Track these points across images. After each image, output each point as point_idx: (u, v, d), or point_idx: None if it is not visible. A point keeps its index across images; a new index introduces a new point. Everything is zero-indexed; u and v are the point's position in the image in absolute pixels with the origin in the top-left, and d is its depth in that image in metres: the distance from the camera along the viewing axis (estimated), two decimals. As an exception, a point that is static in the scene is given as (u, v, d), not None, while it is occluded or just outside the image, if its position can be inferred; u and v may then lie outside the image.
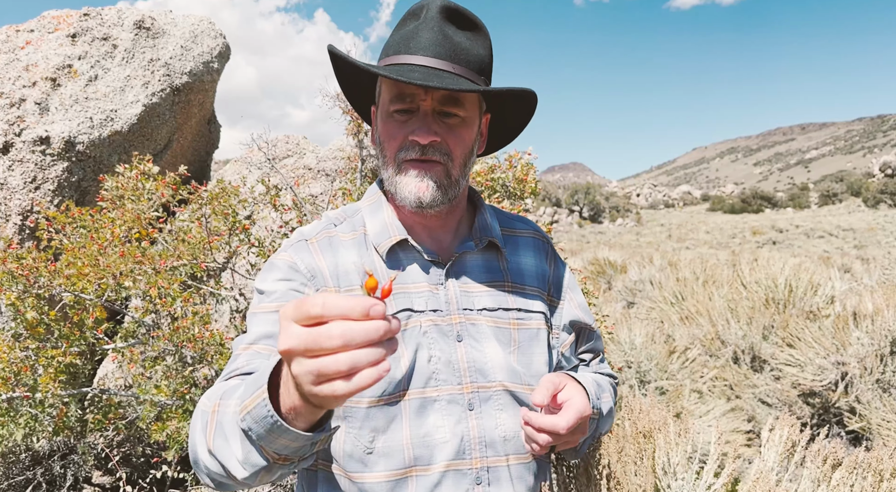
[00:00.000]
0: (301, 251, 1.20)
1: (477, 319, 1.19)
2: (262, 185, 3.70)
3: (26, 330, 3.12)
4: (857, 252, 18.57)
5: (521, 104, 1.24)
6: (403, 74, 1.06)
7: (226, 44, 5.87)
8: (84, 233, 3.53)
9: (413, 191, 1.13)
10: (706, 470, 2.17)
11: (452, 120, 1.14)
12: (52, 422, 3.20)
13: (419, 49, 1.12)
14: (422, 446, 1.11)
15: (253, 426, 0.82)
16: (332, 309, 0.66)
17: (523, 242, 1.34)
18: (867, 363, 4.02)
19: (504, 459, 1.16)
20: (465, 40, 1.15)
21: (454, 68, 1.12)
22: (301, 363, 0.69)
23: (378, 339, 0.66)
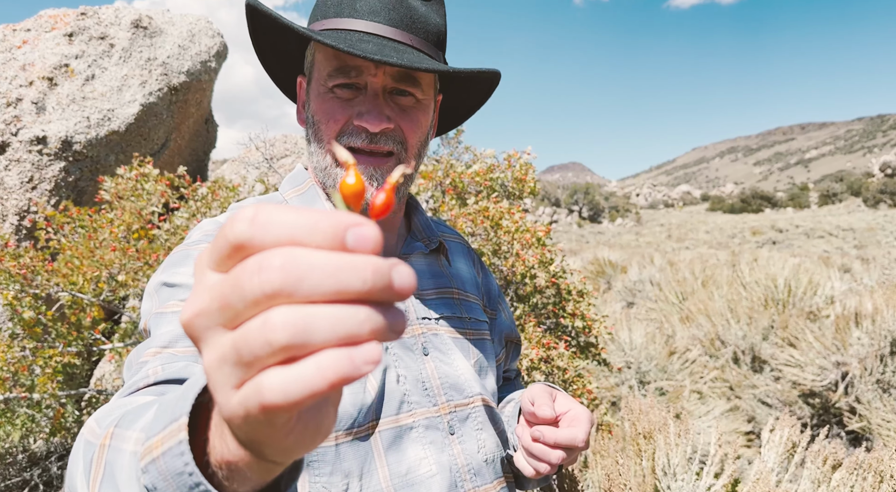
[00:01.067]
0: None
1: (438, 329, 1.03)
2: (261, 184, 3.69)
3: (23, 330, 3.11)
4: (857, 252, 18.58)
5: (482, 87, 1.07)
6: (354, 45, 0.86)
7: (223, 43, 5.85)
8: (83, 233, 3.51)
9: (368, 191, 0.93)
10: (706, 471, 2.15)
11: (406, 101, 0.94)
12: (49, 423, 3.18)
13: (367, 13, 0.92)
14: (406, 486, 0.90)
15: (159, 484, 0.45)
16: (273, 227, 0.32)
17: (454, 247, 1.19)
18: (867, 363, 4.00)
19: (492, 486, 1.00)
20: (420, 6, 0.96)
21: (411, 40, 0.93)
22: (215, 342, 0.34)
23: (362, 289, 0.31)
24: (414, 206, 1.13)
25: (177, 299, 0.84)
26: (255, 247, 0.32)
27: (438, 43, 0.99)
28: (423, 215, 1.12)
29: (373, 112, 0.90)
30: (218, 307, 0.33)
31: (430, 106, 0.98)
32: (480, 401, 1.02)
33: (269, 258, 0.31)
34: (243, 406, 0.33)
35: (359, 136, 0.91)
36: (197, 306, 0.34)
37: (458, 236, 1.23)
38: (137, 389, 0.69)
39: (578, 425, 0.91)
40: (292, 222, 0.32)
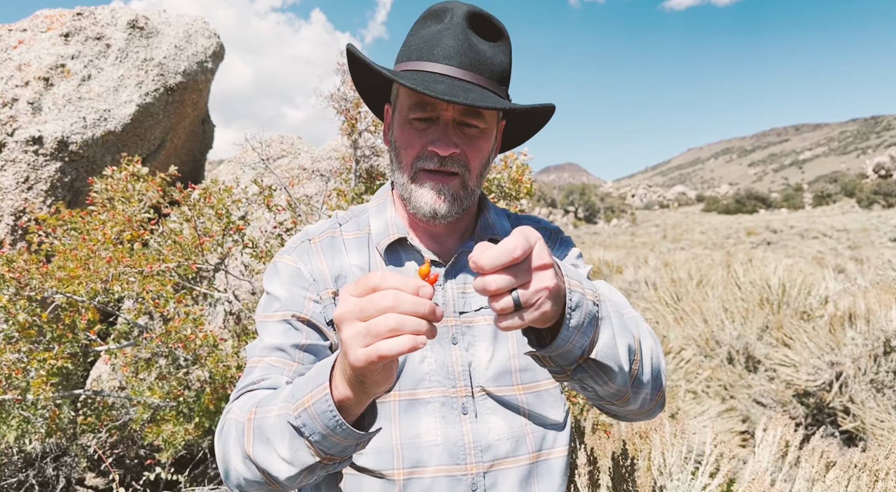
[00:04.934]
0: (304, 254, 1.22)
1: (474, 321, 1.18)
2: (256, 185, 3.69)
3: (18, 332, 3.10)
4: (851, 253, 18.66)
5: (540, 118, 1.24)
6: (429, 86, 1.03)
7: (220, 43, 5.85)
8: (75, 235, 3.51)
9: (429, 202, 1.13)
10: (702, 471, 2.16)
11: (472, 131, 1.13)
12: (44, 424, 3.18)
13: (443, 57, 1.09)
14: (411, 448, 1.10)
15: (308, 422, 0.86)
16: (387, 281, 0.74)
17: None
18: (861, 363, 4.03)
19: (500, 463, 1.14)
20: (488, 49, 1.12)
21: (477, 79, 1.10)
22: (353, 326, 0.75)
23: (423, 314, 0.73)
24: (483, 209, 1.30)
25: (273, 310, 1.16)
26: (380, 289, 0.74)
27: (502, 79, 1.15)
28: (487, 216, 1.28)
29: (443, 140, 1.10)
30: (358, 310, 0.75)
31: (492, 134, 1.17)
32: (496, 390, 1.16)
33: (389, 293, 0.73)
34: (366, 356, 0.74)
35: (431, 159, 1.12)
36: (345, 308, 0.76)
37: (535, 224, 1.35)
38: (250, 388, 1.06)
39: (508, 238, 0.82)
40: (398, 281, 0.74)
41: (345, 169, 4.01)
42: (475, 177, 1.15)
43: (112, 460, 3.87)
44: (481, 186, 1.20)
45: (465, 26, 1.11)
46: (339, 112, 3.80)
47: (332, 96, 3.78)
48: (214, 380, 3.18)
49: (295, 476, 0.92)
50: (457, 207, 1.14)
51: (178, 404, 3.17)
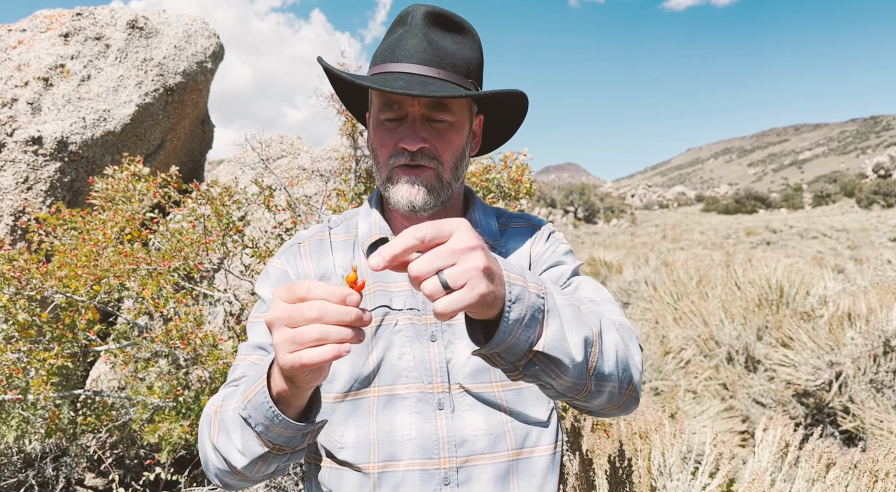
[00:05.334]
0: (291, 257, 1.29)
1: (455, 319, 1.18)
2: (256, 185, 3.69)
3: (18, 332, 3.10)
4: (851, 253, 18.66)
5: (513, 105, 1.26)
6: (388, 84, 1.08)
7: (219, 43, 5.85)
8: (75, 235, 3.50)
9: (405, 195, 1.16)
10: (701, 470, 2.17)
11: (440, 125, 1.16)
12: (44, 424, 3.18)
13: (404, 56, 1.14)
14: (387, 442, 1.14)
15: (252, 413, 0.93)
16: (314, 291, 0.78)
17: (516, 231, 1.34)
18: (861, 363, 4.03)
19: (475, 459, 1.15)
20: (450, 44, 1.17)
21: (439, 74, 1.14)
22: (282, 332, 0.80)
23: (348, 322, 0.77)
24: (470, 206, 1.33)
25: (261, 312, 1.23)
26: (307, 299, 0.78)
27: (468, 73, 1.18)
28: (473, 214, 1.30)
29: (411, 135, 1.14)
30: (287, 317, 0.79)
31: (463, 127, 1.20)
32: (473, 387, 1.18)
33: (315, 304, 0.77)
34: (291, 361, 0.79)
35: (403, 155, 1.15)
36: (275, 314, 0.80)
37: (526, 222, 1.36)
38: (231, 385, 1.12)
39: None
40: (323, 290, 0.78)
41: (345, 169, 4.01)
42: (449, 169, 1.18)
43: (112, 461, 3.87)
44: (459, 179, 1.22)
45: (425, 25, 1.15)
46: (340, 112, 3.80)
47: (332, 96, 3.78)
48: (214, 380, 3.18)
49: (249, 466, 0.98)
50: (433, 199, 1.17)
51: (177, 403, 3.17)
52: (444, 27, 1.18)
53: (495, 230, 1.31)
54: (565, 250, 1.31)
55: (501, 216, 1.37)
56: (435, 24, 1.17)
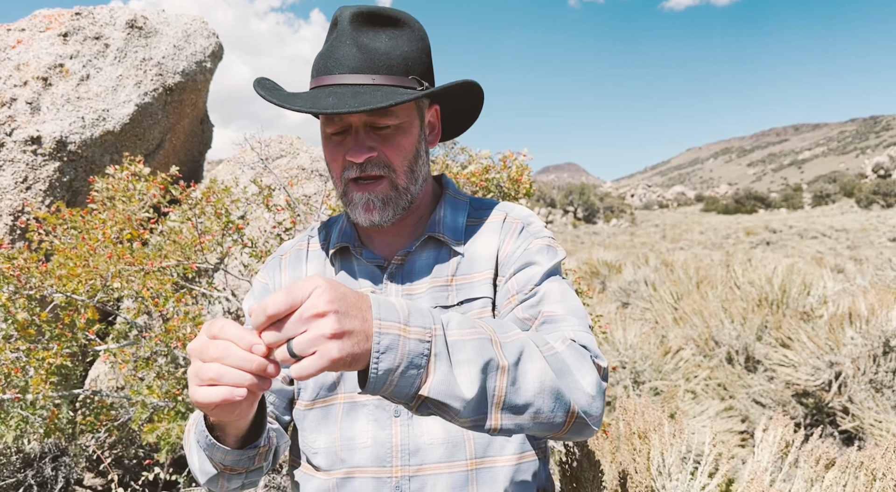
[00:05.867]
0: (272, 270, 1.32)
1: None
2: (255, 185, 3.69)
3: (17, 331, 3.09)
4: (850, 252, 18.67)
5: (462, 94, 1.22)
6: (317, 103, 1.06)
7: (219, 43, 5.85)
8: (75, 234, 3.50)
9: (362, 214, 1.15)
10: (700, 470, 2.17)
11: (386, 131, 1.13)
12: (43, 424, 3.17)
13: (335, 67, 1.11)
14: (347, 449, 1.15)
15: (199, 438, 1.00)
16: (225, 332, 0.78)
17: (488, 227, 1.26)
18: (860, 363, 4.03)
19: (429, 468, 1.12)
20: (384, 43, 1.12)
21: (374, 79, 1.10)
22: (194, 363, 0.81)
23: (249, 369, 0.77)
24: (440, 201, 1.28)
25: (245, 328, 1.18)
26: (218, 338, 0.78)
27: (407, 69, 1.13)
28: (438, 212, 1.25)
29: (355, 147, 1.11)
30: (198, 351, 0.79)
31: (411, 127, 1.16)
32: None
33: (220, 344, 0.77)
34: (191, 395, 0.80)
35: (352, 168, 1.13)
36: (191, 346, 0.81)
37: (502, 214, 1.28)
38: None
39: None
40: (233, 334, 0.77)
41: (344, 169, 4.02)
42: (403, 174, 1.15)
43: (111, 460, 3.87)
44: (418, 180, 1.19)
45: (353, 29, 1.11)
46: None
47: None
48: (213, 380, 3.18)
49: (210, 481, 1.07)
50: (391, 211, 1.16)
51: (176, 403, 3.17)
52: (377, 24, 1.13)
53: (460, 229, 1.25)
54: (539, 247, 1.21)
55: (478, 209, 1.30)
56: (365, 24, 1.12)
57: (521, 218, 1.26)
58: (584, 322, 1.12)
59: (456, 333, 0.87)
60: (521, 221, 1.25)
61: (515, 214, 1.27)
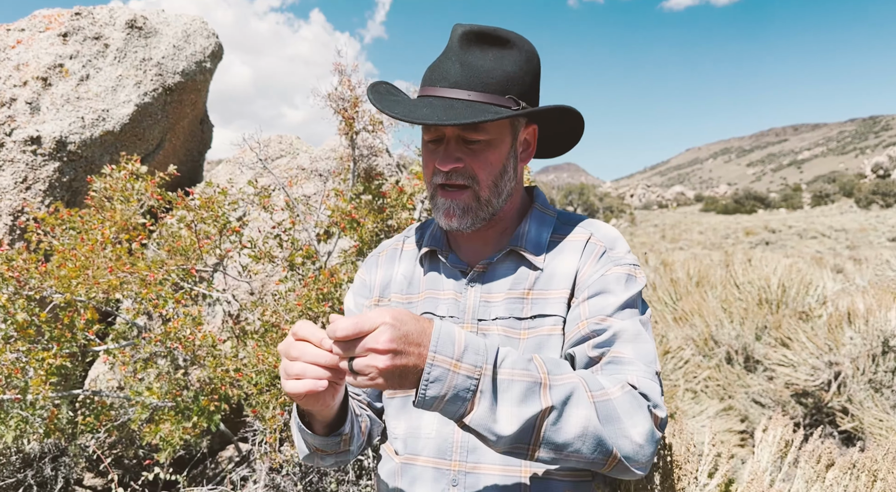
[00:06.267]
0: (371, 266, 1.44)
1: (489, 329, 1.23)
2: (251, 185, 3.69)
3: (16, 332, 3.09)
4: (850, 252, 18.67)
5: (559, 115, 1.27)
6: (412, 112, 1.15)
7: (218, 43, 5.85)
8: (74, 235, 3.50)
9: (443, 220, 1.23)
10: (700, 470, 2.17)
11: (476, 145, 1.19)
12: (43, 424, 3.17)
13: (438, 80, 1.18)
14: (413, 437, 1.25)
15: (295, 423, 1.19)
16: (299, 332, 0.96)
17: (570, 245, 1.27)
18: (859, 363, 4.03)
19: (485, 467, 1.18)
20: (488, 62, 1.17)
21: (470, 95, 1.16)
22: (282, 361, 0.98)
23: (324, 365, 0.94)
24: (527, 215, 1.32)
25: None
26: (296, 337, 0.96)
27: (506, 88, 1.18)
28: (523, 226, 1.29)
29: (444, 157, 1.19)
30: (284, 351, 0.97)
31: (502, 144, 1.21)
32: None
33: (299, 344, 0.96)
34: (284, 389, 0.97)
35: (440, 175, 1.21)
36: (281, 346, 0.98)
37: (583, 233, 1.29)
38: None
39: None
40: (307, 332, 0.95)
41: (343, 169, 4.01)
42: (487, 187, 1.21)
43: (111, 461, 3.87)
44: (502, 194, 1.24)
45: (461, 47, 1.18)
46: (337, 112, 3.80)
47: (330, 96, 3.78)
48: (213, 380, 3.18)
49: (307, 458, 1.26)
50: (469, 219, 1.22)
51: (176, 404, 3.17)
52: (484, 43, 1.18)
53: (543, 244, 1.27)
54: (617, 275, 1.21)
55: (564, 224, 1.31)
56: (473, 42, 1.18)
57: (604, 240, 1.27)
58: (652, 368, 1.12)
59: (507, 372, 0.97)
60: (605, 245, 1.26)
61: (600, 235, 1.28)
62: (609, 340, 1.14)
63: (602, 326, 1.15)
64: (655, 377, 1.11)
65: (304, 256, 3.61)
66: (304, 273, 3.58)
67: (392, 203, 3.72)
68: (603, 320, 1.16)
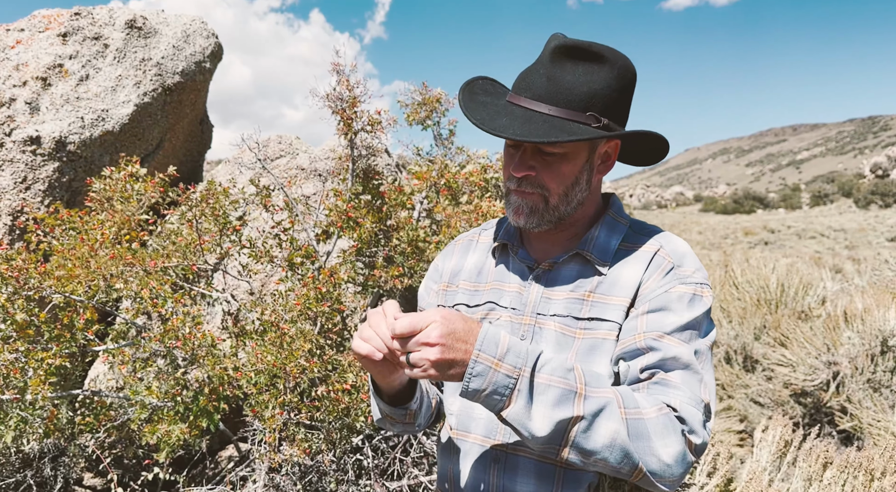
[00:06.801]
0: (446, 253, 1.54)
1: (545, 323, 1.29)
2: (253, 185, 3.69)
3: (16, 332, 3.09)
4: (848, 252, 18.68)
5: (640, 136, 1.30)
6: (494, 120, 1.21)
7: (218, 43, 5.85)
8: (73, 235, 3.50)
9: (512, 216, 1.30)
10: (699, 470, 2.17)
11: (550, 157, 1.24)
12: (42, 424, 3.17)
13: (524, 89, 1.23)
14: (465, 416, 1.37)
15: (370, 387, 1.37)
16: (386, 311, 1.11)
17: (638, 256, 1.29)
18: (858, 363, 4.04)
19: (523, 451, 1.27)
20: (576, 77, 1.20)
21: (550, 110, 1.20)
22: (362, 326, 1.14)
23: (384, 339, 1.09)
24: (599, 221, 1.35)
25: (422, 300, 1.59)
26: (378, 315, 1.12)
27: (589, 105, 1.20)
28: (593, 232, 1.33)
29: (518, 164, 1.25)
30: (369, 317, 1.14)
31: (575, 158, 1.25)
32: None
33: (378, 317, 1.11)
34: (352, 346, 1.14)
35: (513, 180, 1.27)
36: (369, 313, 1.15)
37: (654, 245, 1.30)
38: None
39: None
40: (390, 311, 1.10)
41: (342, 169, 4.01)
42: (557, 196, 1.26)
43: (110, 461, 3.87)
44: (572, 203, 1.29)
45: (551, 59, 1.22)
46: (335, 112, 3.80)
47: (328, 96, 3.78)
48: (212, 380, 3.18)
49: (379, 421, 1.43)
50: (536, 219, 1.28)
51: (175, 403, 3.17)
52: (576, 58, 1.21)
53: (611, 251, 1.30)
54: (681, 294, 1.21)
55: (636, 234, 1.34)
56: (564, 56, 1.21)
57: (673, 256, 1.27)
58: (696, 396, 1.14)
59: (546, 377, 1.06)
60: (673, 260, 1.26)
61: (670, 249, 1.29)
62: (660, 362, 1.16)
63: (657, 345, 1.17)
64: (700, 405, 1.13)
65: (303, 255, 3.61)
66: (304, 273, 3.59)
67: (391, 203, 3.72)
68: (660, 338, 1.17)
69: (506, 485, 1.27)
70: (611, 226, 1.35)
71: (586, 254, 1.30)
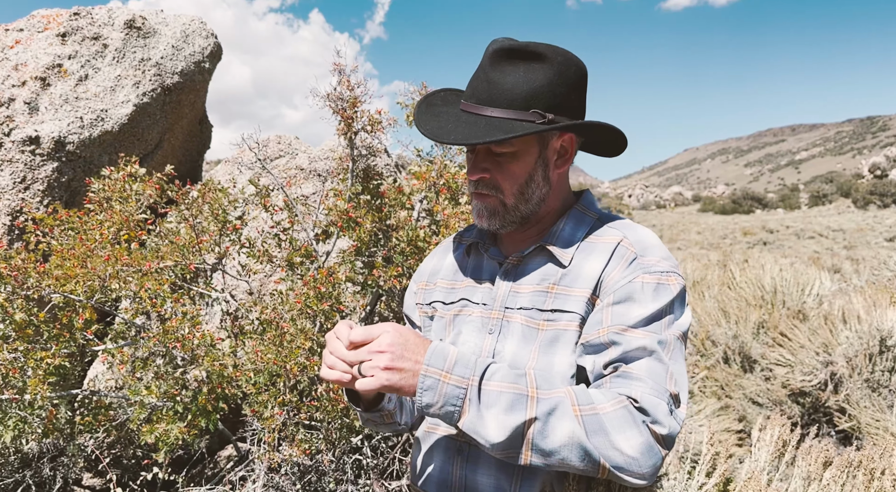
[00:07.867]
0: (431, 254, 1.58)
1: (513, 317, 1.31)
2: (252, 185, 3.69)
3: (15, 332, 3.09)
4: (847, 252, 18.70)
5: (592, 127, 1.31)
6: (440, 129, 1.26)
7: (217, 44, 5.85)
8: (72, 235, 3.50)
9: (476, 219, 1.35)
10: (698, 470, 2.18)
11: (502, 157, 1.27)
12: (41, 424, 3.17)
13: (468, 96, 1.28)
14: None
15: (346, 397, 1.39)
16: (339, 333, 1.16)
17: (601, 247, 1.28)
18: (856, 363, 4.04)
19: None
20: (514, 77, 1.22)
21: (494, 112, 1.23)
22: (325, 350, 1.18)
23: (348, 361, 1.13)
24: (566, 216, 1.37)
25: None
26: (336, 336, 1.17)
27: (531, 102, 1.22)
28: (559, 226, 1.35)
29: (472, 167, 1.29)
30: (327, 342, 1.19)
31: (526, 155, 1.28)
32: None
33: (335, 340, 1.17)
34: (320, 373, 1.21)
35: (471, 184, 1.32)
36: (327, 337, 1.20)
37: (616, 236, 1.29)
38: None
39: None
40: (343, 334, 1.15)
41: (342, 169, 4.01)
42: (512, 195, 1.29)
43: (109, 460, 3.86)
44: (530, 201, 1.31)
45: (489, 63, 1.24)
46: (335, 112, 3.80)
47: (329, 96, 3.78)
48: (211, 380, 3.18)
49: (365, 423, 1.45)
50: (498, 221, 1.32)
51: (174, 403, 3.17)
52: (515, 58, 1.23)
53: (574, 243, 1.31)
54: (644, 284, 1.19)
55: (602, 226, 1.33)
56: (502, 59, 1.23)
57: (637, 245, 1.25)
58: (660, 386, 1.11)
59: (496, 384, 1.10)
60: (636, 250, 1.24)
61: (633, 238, 1.27)
62: (623, 356, 1.14)
63: (619, 339, 1.15)
64: (664, 395, 1.10)
65: (302, 255, 3.61)
66: (303, 273, 3.59)
67: (391, 203, 3.72)
68: (623, 331, 1.15)
69: (468, 476, 1.30)
70: (577, 219, 1.36)
71: (549, 246, 1.32)
